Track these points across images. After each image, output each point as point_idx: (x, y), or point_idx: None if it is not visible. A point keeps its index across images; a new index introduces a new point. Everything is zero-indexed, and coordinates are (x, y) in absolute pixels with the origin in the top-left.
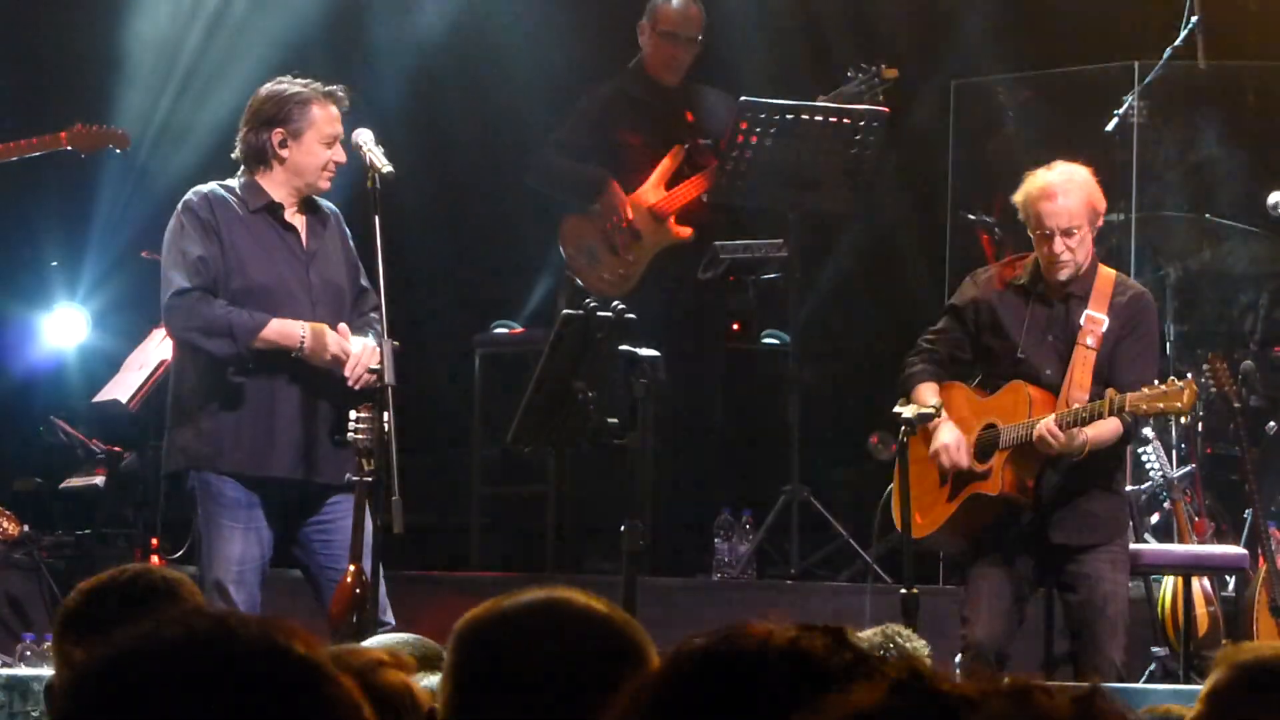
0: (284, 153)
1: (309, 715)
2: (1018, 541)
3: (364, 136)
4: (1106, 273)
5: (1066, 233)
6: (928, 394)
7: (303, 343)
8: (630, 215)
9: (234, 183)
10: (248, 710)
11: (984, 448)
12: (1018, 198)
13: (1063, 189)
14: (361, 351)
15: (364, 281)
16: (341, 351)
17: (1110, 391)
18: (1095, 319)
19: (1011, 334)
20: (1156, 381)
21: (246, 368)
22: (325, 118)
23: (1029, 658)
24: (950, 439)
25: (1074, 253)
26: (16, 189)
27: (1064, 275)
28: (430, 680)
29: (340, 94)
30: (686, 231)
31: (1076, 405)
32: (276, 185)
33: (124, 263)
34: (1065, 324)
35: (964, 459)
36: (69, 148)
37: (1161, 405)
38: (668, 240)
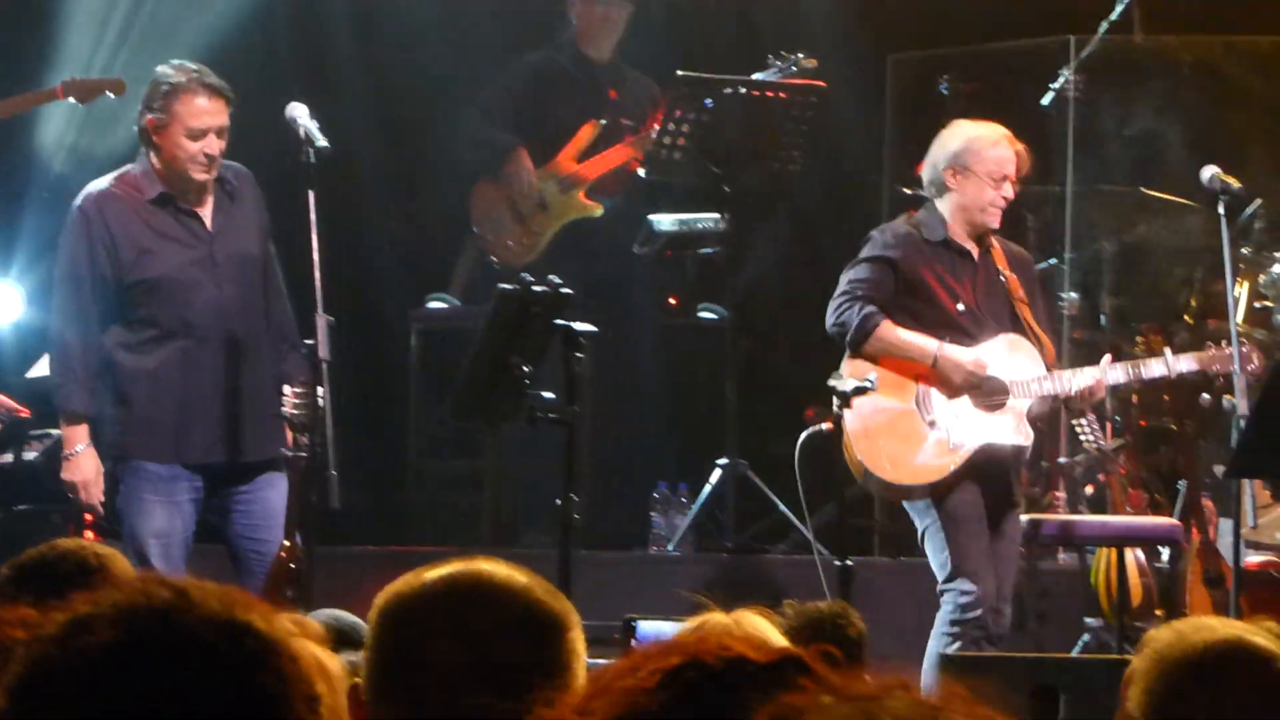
0: (157, 140)
1: (266, 691)
2: (984, 495)
3: (298, 111)
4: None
5: (1012, 180)
6: (898, 331)
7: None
8: (535, 183)
9: (135, 168)
10: (205, 683)
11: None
12: (954, 145)
13: (1011, 138)
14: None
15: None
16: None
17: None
18: (1011, 277)
19: (948, 290)
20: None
21: (157, 354)
22: (191, 111)
23: None
24: (972, 358)
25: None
26: None
27: (997, 223)
28: (352, 657)
29: (216, 84)
30: (596, 207)
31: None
32: (162, 171)
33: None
34: (990, 279)
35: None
36: (66, 99)
37: (1218, 367)
38: (576, 212)
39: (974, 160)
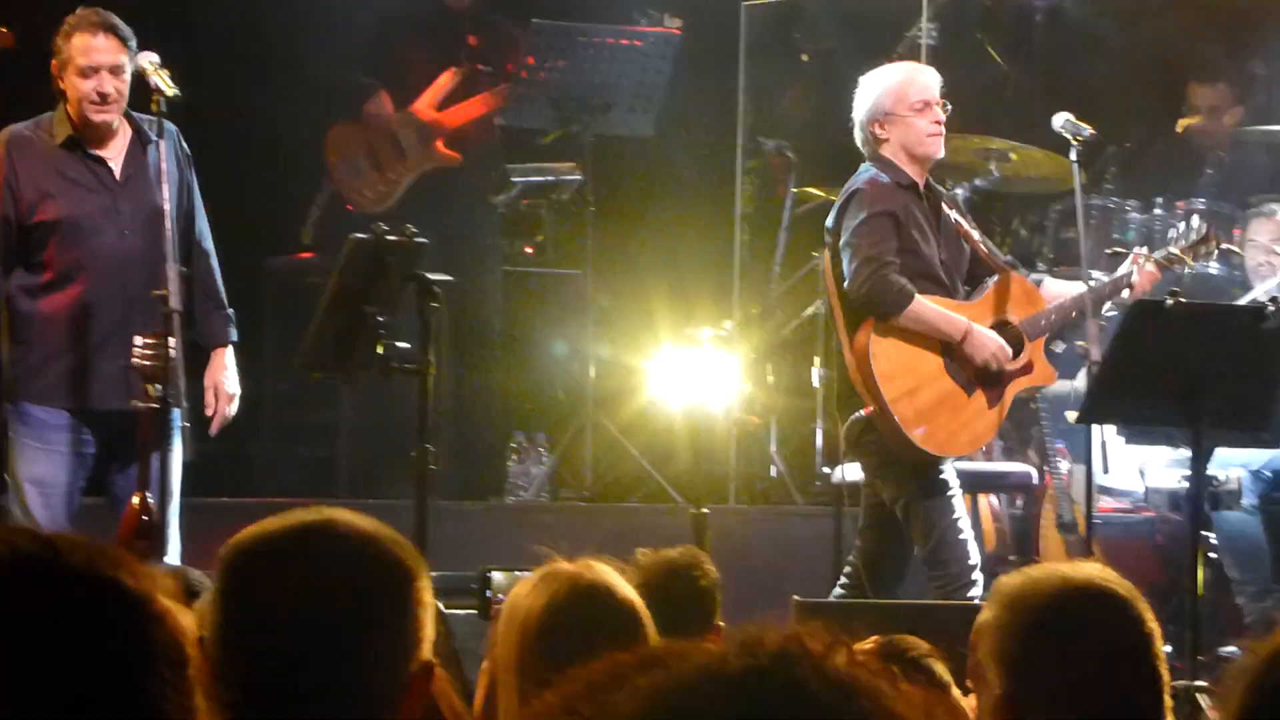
0: (61, 84)
1: (130, 646)
2: None
3: (149, 59)
4: None
5: (936, 102)
6: (930, 306)
7: None
8: (395, 129)
9: (51, 113)
10: (67, 636)
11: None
12: (868, 100)
13: (914, 65)
14: None
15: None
16: None
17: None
18: (957, 220)
19: (927, 240)
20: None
21: (54, 298)
22: (81, 48)
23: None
24: (997, 342)
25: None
26: None
27: (941, 149)
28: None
29: (108, 21)
30: (454, 155)
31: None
32: (72, 114)
33: None
34: (947, 224)
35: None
36: None
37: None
38: (433, 161)
39: (891, 103)
